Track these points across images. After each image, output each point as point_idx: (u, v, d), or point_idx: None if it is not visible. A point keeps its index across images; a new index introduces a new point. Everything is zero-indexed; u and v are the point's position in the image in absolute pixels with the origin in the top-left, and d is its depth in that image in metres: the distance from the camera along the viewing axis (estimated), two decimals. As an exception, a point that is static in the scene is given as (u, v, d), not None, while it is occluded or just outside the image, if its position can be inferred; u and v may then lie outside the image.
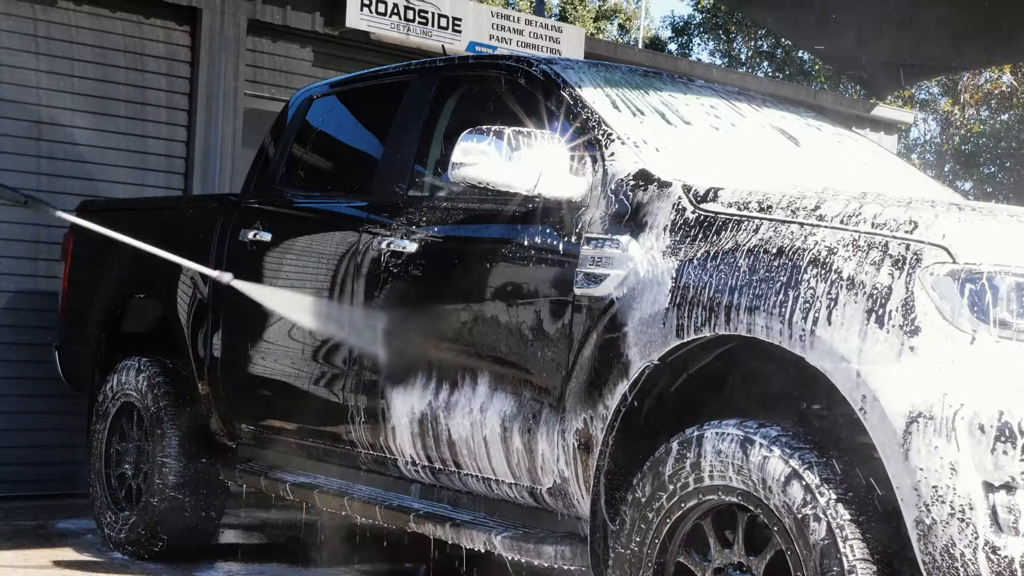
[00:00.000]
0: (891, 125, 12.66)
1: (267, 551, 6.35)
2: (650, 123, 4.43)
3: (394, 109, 5.13)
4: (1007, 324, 3.12)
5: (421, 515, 4.50)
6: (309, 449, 5.21)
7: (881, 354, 3.19)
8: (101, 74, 7.68)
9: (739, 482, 3.41)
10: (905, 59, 9.07)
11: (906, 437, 3.10)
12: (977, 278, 3.16)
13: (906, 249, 3.26)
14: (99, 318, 6.42)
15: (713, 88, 5.12)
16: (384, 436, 4.72)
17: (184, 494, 5.75)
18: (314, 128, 5.76)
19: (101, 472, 6.13)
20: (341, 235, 5.03)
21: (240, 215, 5.65)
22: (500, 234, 4.35)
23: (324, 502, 5.00)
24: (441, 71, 5.09)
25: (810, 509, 3.25)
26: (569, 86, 4.47)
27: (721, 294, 3.56)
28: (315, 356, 5.06)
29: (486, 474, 4.32)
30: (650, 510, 3.62)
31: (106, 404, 6.17)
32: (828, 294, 3.32)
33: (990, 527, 3.02)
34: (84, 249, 6.60)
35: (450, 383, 4.42)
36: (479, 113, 4.79)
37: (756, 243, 3.57)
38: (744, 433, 3.43)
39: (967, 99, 23.79)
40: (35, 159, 7.42)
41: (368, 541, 6.23)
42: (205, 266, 5.49)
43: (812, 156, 4.88)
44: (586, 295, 3.97)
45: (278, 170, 5.71)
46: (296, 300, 4.97)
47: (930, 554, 3.07)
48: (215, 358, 5.61)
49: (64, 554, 5.95)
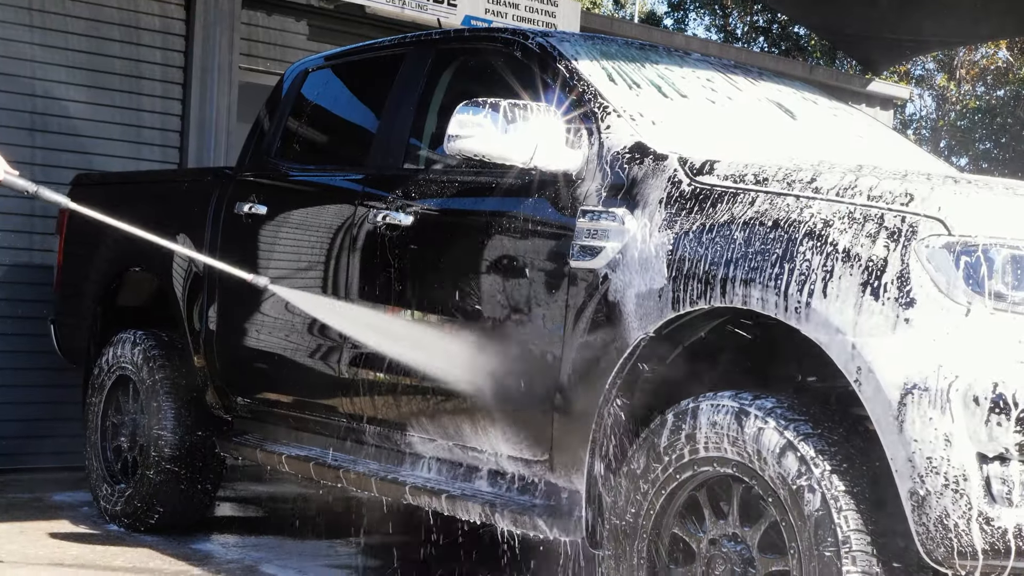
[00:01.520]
0: (887, 101, 12.65)
1: (263, 524, 6.37)
2: (646, 96, 4.43)
3: (390, 82, 5.12)
4: (1002, 296, 3.13)
5: (417, 487, 4.50)
6: (305, 422, 5.22)
7: (876, 326, 3.20)
8: (96, 47, 7.66)
9: (734, 453, 3.43)
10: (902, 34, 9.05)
11: (901, 409, 3.11)
12: (972, 250, 3.17)
13: (902, 221, 3.27)
14: (94, 291, 6.41)
15: (709, 61, 5.12)
16: (380, 408, 4.73)
17: (180, 467, 5.76)
18: (309, 101, 5.75)
19: (97, 445, 6.14)
20: (337, 208, 5.02)
21: (235, 188, 5.64)
22: (496, 207, 4.35)
23: (320, 474, 5.01)
24: (437, 44, 5.08)
25: (805, 480, 3.27)
26: (565, 59, 4.46)
27: (717, 266, 3.57)
28: (311, 329, 5.06)
29: (483, 446, 4.33)
30: (645, 481, 3.63)
31: (102, 377, 6.17)
32: (824, 266, 3.33)
33: (984, 498, 3.03)
34: (79, 222, 6.59)
35: (446, 355, 4.42)
36: (475, 86, 4.78)
37: (752, 215, 3.57)
38: (739, 405, 3.44)
39: (963, 75, 23.77)
40: (29, 133, 7.40)
41: (364, 514, 6.26)
42: (196, 247, 5.50)
43: (808, 129, 4.88)
44: (582, 268, 3.98)
45: (273, 143, 5.70)
46: (335, 306, 4.87)
47: (924, 525, 3.08)
48: (211, 331, 5.61)
49: (60, 526, 5.96)
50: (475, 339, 4.33)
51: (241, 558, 5.47)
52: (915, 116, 25.51)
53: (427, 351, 4.49)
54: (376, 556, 5.66)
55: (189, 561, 5.36)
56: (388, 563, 5.51)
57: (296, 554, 5.60)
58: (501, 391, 4.23)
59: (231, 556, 5.52)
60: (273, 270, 5.32)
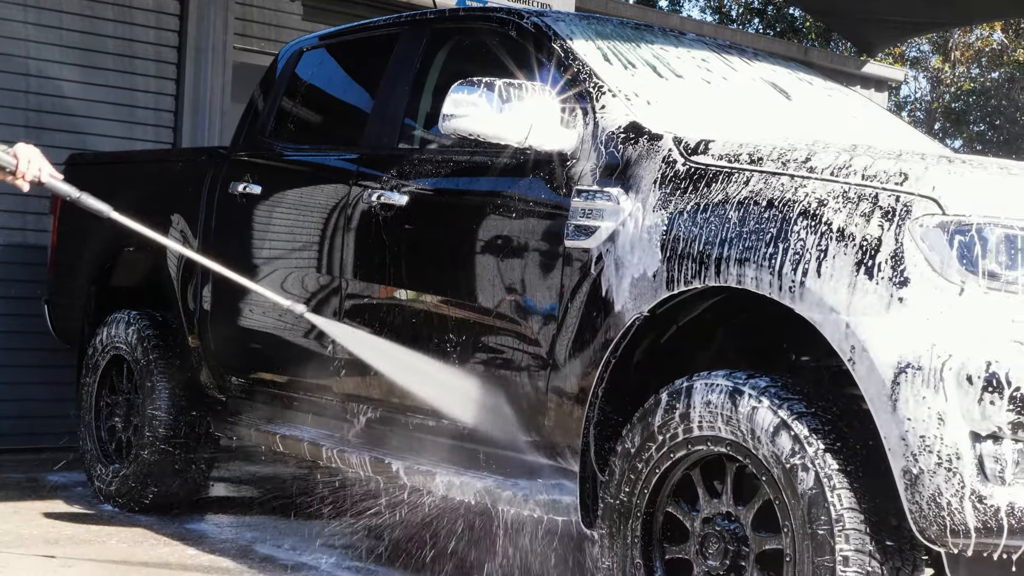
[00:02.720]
0: (881, 82, 12.64)
1: (258, 504, 6.37)
2: (641, 76, 4.42)
3: (384, 62, 5.11)
4: (996, 275, 3.14)
5: (411, 468, 4.51)
6: (299, 401, 5.22)
7: (870, 305, 3.20)
8: (89, 27, 7.63)
9: (728, 432, 3.43)
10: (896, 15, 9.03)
11: (894, 388, 3.11)
12: (966, 229, 3.17)
13: (896, 201, 3.27)
14: (89, 271, 6.41)
15: (704, 41, 5.11)
16: (374, 389, 4.73)
17: (174, 447, 5.76)
18: (304, 81, 5.74)
19: (91, 425, 6.14)
20: (331, 188, 5.02)
21: (230, 168, 5.63)
22: (491, 186, 4.35)
23: (313, 454, 5.01)
24: (431, 24, 5.07)
25: (798, 459, 3.27)
26: (560, 38, 4.45)
27: (711, 246, 3.57)
28: (305, 309, 5.05)
29: (477, 425, 4.33)
30: (639, 461, 3.64)
31: (96, 357, 6.17)
32: (818, 245, 3.33)
33: (976, 476, 3.04)
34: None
35: (440, 335, 4.43)
36: (470, 66, 4.77)
37: (746, 195, 3.57)
38: (733, 384, 3.45)
39: (958, 57, 23.74)
40: (23, 112, 7.38)
41: (358, 493, 6.26)
42: (190, 227, 5.49)
43: (803, 110, 4.88)
44: (577, 247, 3.98)
45: (268, 123, 5.69)
46: (374, 343, 4.76)
47: (917, 503, 3.09)
48: (205, 311, 5.61)
49: (55, 506, 5.97)
50: (470, 319, 4.34)
51: (235, 538, 5.48)
52: (910, 98, 25.48)
53: (421, 331, 4.49)
54: (370, 536, 5.67)
55: (183, 541, 5.37)
56: (382, 543, 5.51)
57: (290, 534, 5.60)
58: (496, 371, 4.24)
59: (225, 536, 5.53)
60: (267, 250, 5.32)
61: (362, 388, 4.80)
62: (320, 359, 4.96)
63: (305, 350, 5.05)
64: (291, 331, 5.12)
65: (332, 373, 4.91)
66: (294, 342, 5.11)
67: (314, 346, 5.00)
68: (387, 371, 4.56)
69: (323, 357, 4.94)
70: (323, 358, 4.94)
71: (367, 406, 4.80)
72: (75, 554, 5.06)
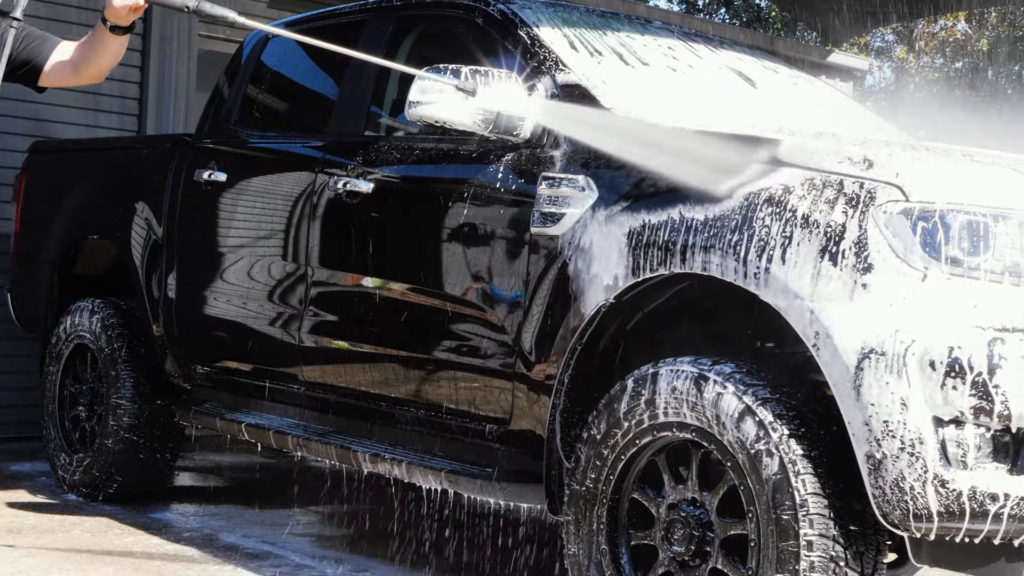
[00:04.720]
0: (847, 72, 12.68)
1: (223, 493, 6.35)
2: (607, 63, 4.43)
3: (350, 49, 5.07)
4: (958, 261, 3.16)
5: (377, 455, 4.50)
6: (265, 390, 5.19)
7: (834, 291, 3.22)
8: (53, 13, 7.56)
9: (693, 419, 3.45)
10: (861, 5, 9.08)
11: (858, 373, 3.13)
12: (930, 216, 3.19)
13: (860, 187, 3.29)
14: (52, 260, 6.36)
15: (670, 30, 5.12)
16: (338, 376, 4.72)
17: (139, 436, 5.73)
18: (269, 68, 5.71)
19: (55, 414, 6.10)
20: (297, 175, 5.00)
21: (195, 155, 5.60)
22: (457, 173, 4.35)
23: (280, 443, 5.00)
24: (397, 11, 5.06)
25: (763, 444, 3.29)
26: (527, 25, 4.45)
27: (677, 232, 3.58)
28: (270, 297, 5.04)
29: (442, 413, 4.33)
30: (605, 447, 3.65)
31: (59, 346, 6.13)
32: (783, 232, 3.34)
33: (939, 461, 3.07)
34: (36, 189, 6.53)
35: (405, 322, 4.43)
36: (436, 53, 4.75)
37: (712, 182, 3.57)
38: (698, 370, 3.46)
39: (922, 47, 23.87)
40: (-16, 99, 7.31)
41: (325, 482, 6.26)
42: (155, 215, 5.47)
43: (768, 97, 4.90)
44: (542, 234, 3.98)
45: (233, 110, 5.66)
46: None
47: (880, 488, 3.12)
48: (169, 299, 5.58)
49: (18, 496, 5.93)
50: (436, 307, 4.33)
51: (200, 527, 5.46)
52: (875, 87, 25.61)
53: (386, 318, 4.49)
54: (337, 525, 5.66)
55: (148, 530, 5.34)
56: (349, 532, 5.51)
57: (257, 523, 5.59)
58: (462, 359, 4.23)
59: (191, 525, 5.51)
60: (233, 238, 5.30)
61: (328, 376, 4.79)
62: (286, 347, 4.94)
63: (270, 338, 5.03)
64: (256, 320, 5.10)
65: (298, 361, 4.89)
66: (259, 330, 5.09)
67: (279, 334, 4.98)
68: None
69: (289, 345, 4.92)
70: (288, 346, 4.92)
71: (332, 394, 4.79)
72: (38, 544, 5.03)
